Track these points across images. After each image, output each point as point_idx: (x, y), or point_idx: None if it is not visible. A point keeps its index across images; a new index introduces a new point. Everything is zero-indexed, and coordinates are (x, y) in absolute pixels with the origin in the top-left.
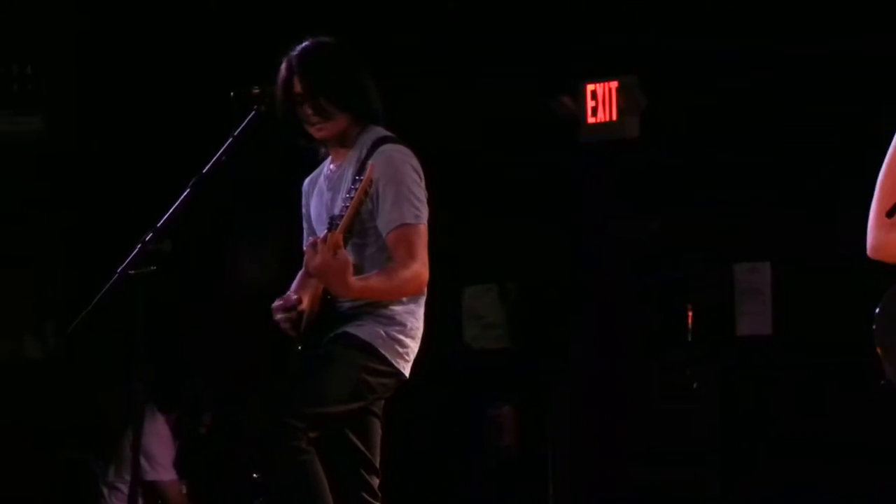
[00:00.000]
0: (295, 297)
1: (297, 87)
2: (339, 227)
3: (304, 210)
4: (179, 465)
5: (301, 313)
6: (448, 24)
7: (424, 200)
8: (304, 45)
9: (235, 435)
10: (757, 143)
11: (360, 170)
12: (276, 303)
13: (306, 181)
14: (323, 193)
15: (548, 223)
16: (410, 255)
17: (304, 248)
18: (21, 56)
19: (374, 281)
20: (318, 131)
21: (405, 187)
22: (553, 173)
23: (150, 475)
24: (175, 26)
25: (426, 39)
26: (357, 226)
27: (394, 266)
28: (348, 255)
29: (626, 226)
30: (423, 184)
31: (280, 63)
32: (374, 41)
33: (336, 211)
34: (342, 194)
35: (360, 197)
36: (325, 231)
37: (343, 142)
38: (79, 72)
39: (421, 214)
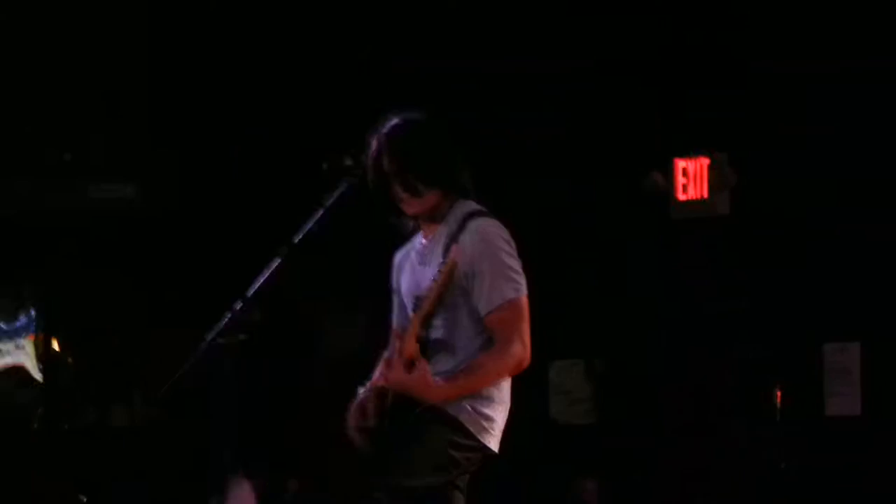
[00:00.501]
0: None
1: (387, 166)
2: (423, 309)
3: (394, 284)
4: None
5: (385, 390)
6: (543, 98)
7: (520, 270)
8: (393, 121)
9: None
10: (846, 221)
11: (450, 245)
12: (355, 413)
13: (398, 255)
14: (415, 268)
15: (638, 299)
16: (509, 339)
17: (380, 364)
18: (117, 125)
19: (461, 380)
20: (408, 207)
21: (501, 262)
22: (644, 249)
23: None
24: (271, 95)
25: (521, 109)
26: (446, 301)
27: (488, 356)
28: (426, 365)
29: (716, 302)
30: (516, 254)
31: (370, 137)
32: (472, 124)
33: (423, 289)
34: (433, 269)
35: (444, 281)
36: (409, 313)
37: (434, 217)
38: (176, 140)
39: (520, 287)
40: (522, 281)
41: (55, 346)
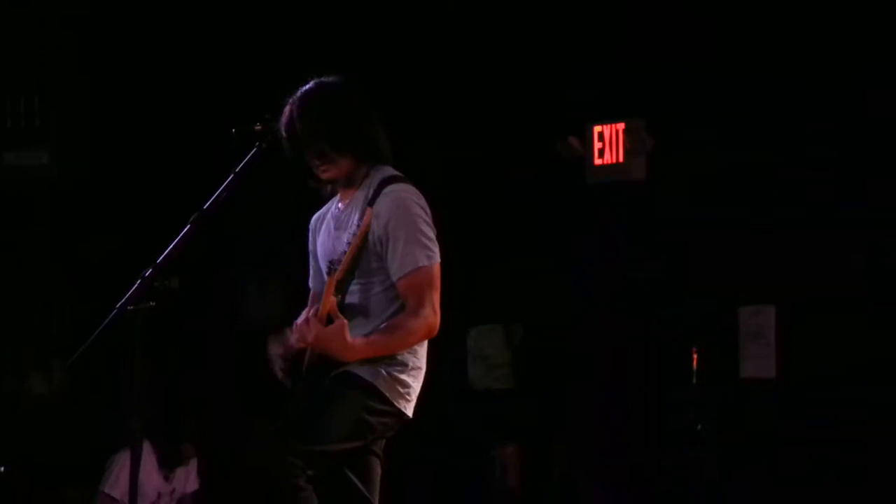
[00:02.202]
0: (296, 342)
1: (299, 132)
2: (337, 272)
3: (311, 247)
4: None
5: (302, 352)
6: (456, 64)
7: (434, 238)
8: (305, 87)
9: (225, 468)
10: (762, 186)
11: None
12: (276, 347)
13: (314, 218)
14: (331, 232)
15: (555, 264)
16: (420, 304)
17: (296, 323)
18: (29, 90)
19: (377, 338)
20: (323, 173)
21: (415, 229)
22: (559, 214)
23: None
24: (184, 60)
25: (435, 78)
26: (362, 267)
27: (401, 318)
28: (343, 320)
29: (632, 267)
30: (430, 221)
31: (285, 102)
32: (379, 77)
33: (338, 253)
34: (349, 234)
35: (357, 244)
36: (324, 277)
37: (350, 182)
38: (88, 106)
39: (433, 254)
40: (435, 248)
41: None
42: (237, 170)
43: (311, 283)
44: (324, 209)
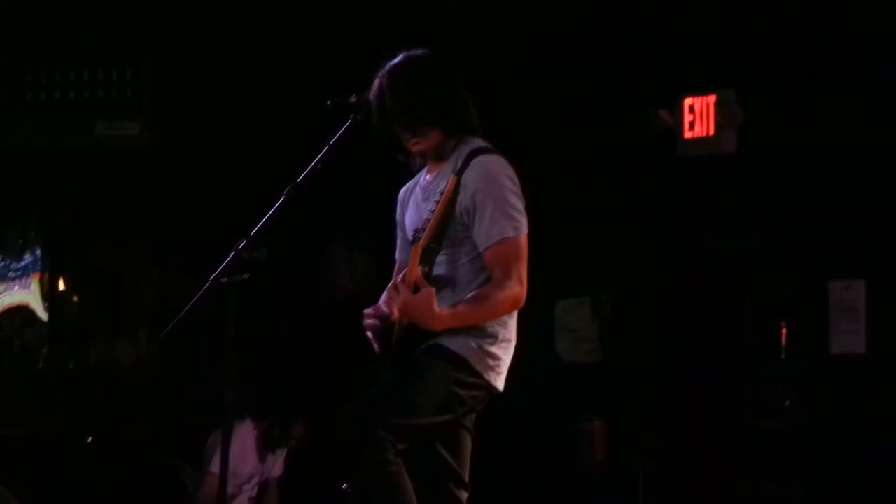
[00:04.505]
0: (386, 308)
1: (389, 105)
2: (422, 240)
3: (398, 219)
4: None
5: (392, 324)
6: (545, 35)
7: (522, 209)
8: (395, 61)
9: (325, 446)
10: (852, 161)
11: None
12: (368, 310)
13: (402, 190)
14: (419, 203)
15: (643, 237)
16: (506, 275)
17: (386, 290)
18: (121, 61)
19: (464, 308)
20: (412, 146)
21: (503, 199)
22: (649, 187)
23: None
24: (276, 33)
25: (525, 49)
26: (449, 237)
27: (488, 289)
28: (431, 288)
29: (722, 241)
30: (519, 192)
31: (375, 76)
32: (469, 49)
33: (424, 222)
34: (434, 203)
35: (442, 210)
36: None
37: (439, 155)
38: (180, 77)
39: (520, 225)
40: (523, 220)
41: (61, 284)
42: (331, 142)
43: (397, 256)
44: (412, 181)
